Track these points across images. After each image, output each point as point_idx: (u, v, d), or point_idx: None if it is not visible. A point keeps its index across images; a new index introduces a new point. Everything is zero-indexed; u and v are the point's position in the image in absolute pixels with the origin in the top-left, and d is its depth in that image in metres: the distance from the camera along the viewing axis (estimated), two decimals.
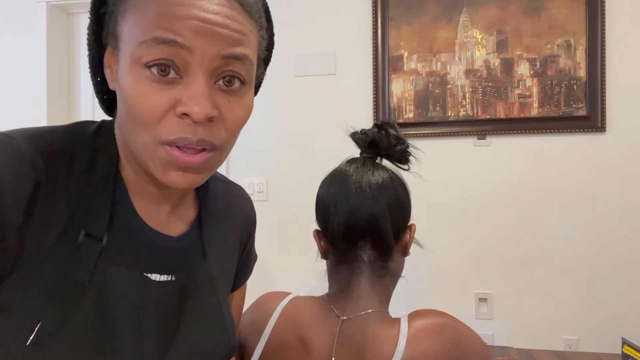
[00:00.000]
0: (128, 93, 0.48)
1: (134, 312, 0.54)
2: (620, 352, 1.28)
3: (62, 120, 2.22)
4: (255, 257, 0.83)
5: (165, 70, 0.48)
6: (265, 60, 0.61)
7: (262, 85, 0.68)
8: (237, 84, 0.51)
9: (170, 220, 0.61)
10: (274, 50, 0.64)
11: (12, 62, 2.21)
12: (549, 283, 1.82)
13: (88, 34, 0.55)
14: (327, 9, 2.01)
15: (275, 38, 0.63)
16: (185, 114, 0.48)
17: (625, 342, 1.26)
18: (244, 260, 0.77)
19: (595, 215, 1.79)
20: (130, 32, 0.48)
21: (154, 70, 0.47)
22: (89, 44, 0.56)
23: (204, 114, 0.47)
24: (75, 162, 0.54)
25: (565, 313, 1.80)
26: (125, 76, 0.49)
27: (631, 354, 1.23)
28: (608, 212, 1.78)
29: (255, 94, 0.62)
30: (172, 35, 0.46)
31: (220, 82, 0.50)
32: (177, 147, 0.49)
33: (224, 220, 0.70)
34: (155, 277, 0.57)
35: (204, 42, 0.47)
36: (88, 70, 0.58)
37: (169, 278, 0.59)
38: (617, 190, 1.78)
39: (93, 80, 0.59)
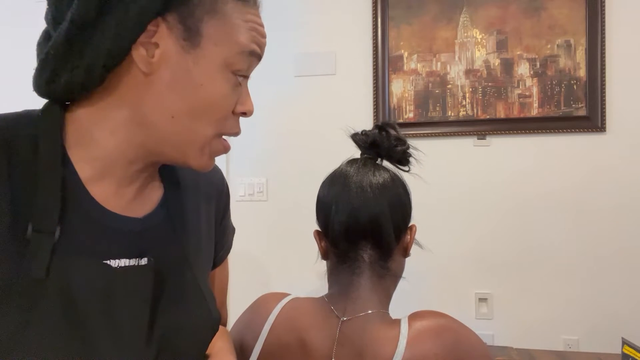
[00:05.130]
0: (214, 93, 0.54)
1: (101, 302, 0.52)
2: (620, 352, 1.28)
3: None
4: (233, 229, 0.81)
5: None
6: None
7: (263, 85, 0.79)
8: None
9: (135, 203, 0.59)
10: (272, 49, 0.75)
11: (12, 62, 2.21)
12: (549, 283, 1.82)
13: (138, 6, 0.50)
14: (327, 9, 2.01)
15: (276, 38, 0.70)
16: (245, 112, 0.59)
17: (625, 342, 1.26)
18: (222, 234, 0.75)
19: (595, 215, 1.79)
20: (227, 37, 0.54)
21: (240, 78, 0.57)
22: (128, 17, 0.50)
23: (253, 112, 0.59)
24: (17, 152, 0.51)
25: (565, 313, 1.80)
26: (208, 76, 0.54)
27: (631, 354, 1.23)
28: (608, 212, 1.78)
29: None
30: (260, 51, 0.57)
31: None
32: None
33: (194, 195, 0.68)
34: (123, 262, 0.55)
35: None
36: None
37: (138, 262, 0.56)
38: (617, 190, 1.78)
39: (60, 49, 0.52)
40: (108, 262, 0.54)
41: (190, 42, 0.53)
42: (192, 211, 0.67)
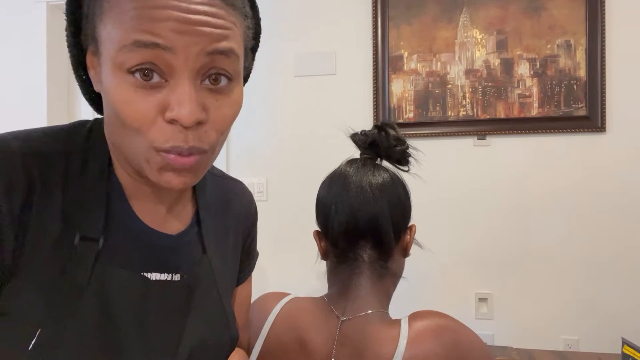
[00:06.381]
0: (114, 100, 0.47)
1: (136, 313, 0.54)
2: (620, 352, 1.28)
3: (62, 120, 2.22)
4: (257, 254, 0.82)
5: (148, 74, 0.47)
6: (253, 48, 0.61)
7: (263, 85, 0.68)
8: (223, 81, 0.50)
9: (169, 219, 0.61)
10: (272, 49, 0.64)
11: (12, 62, 2.21)
12: (549, 283, 1.82)
13: (67, 36, 0.54)
14: (327, 8, 2.01)
15: (276, 38, 0.63)
16: (175, 120, 0.47)
17: (625, 342, 1.26)
18: (247, 254, 0.77)
19: (595, 215, 1.79)
20: (109, 36, 0.47)
21: (137, 75, 0.46)
22: (69, 46, 0.55)
23: (192, 119, 0.46)
24: (70, 164, 0.53)
25: (565, 313, 1.80)
26: (109, 82, 0.48)
27: (631, 354, 1.23)
28: (608, 212, 1.78)
29: (245, 83, 0.62)
30: (152, 38, 0.45)
31: (207, 81, 0.49)
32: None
33: (223, 215, 0.70)
34: (155, 276, 0.57)
35: (186, 41, 0.46)
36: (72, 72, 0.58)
37: (170, 277, 0.58)
38: (617, 190, 1.78)
39: (78, 82, 0.58)
40: (145, 274, 0.56)
41: (97, 52, 0.50)
42: (221, 231, 0.69)
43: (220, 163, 2.05)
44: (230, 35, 0.49)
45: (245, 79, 0.64)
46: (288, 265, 1.99)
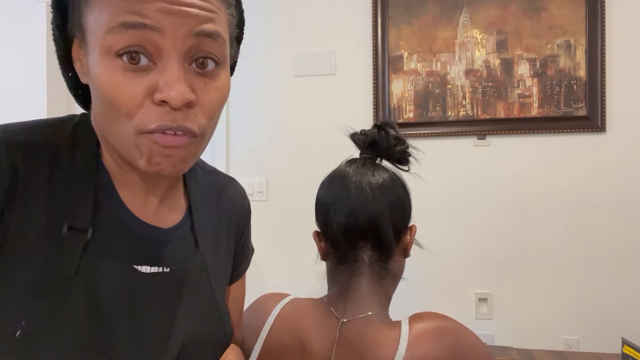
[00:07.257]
0: (102, 85, 0.47)
1: (125, 304, 0.54)
2: (620, 352, 1.28)
3: None
4: (252, 250, 0.82)
5: (135, 58, 0.46)
6: (237, 38, 0.61)
7: (263, 85, 0.67)
8: (211, 65, 0.50)
9: (161, 212, 0.60)
10: (272, 49, 0.63)
11: (12, 61, 2.21)
12: (549, 283, 1.82)
13: (52, 29, 0.54)
14: (327, 8, 2.01)
15: (275, 38, 0.62)
16: (164, 101, 0.47)
17: (625, 342, 1.26)
18: (240, 252, 0.76)
19: (595, 215, 1.79)
20: (96, 20, 0.47)
21: (125, 58, 0.46)
22: (54, 39, 0.54)
23: (182, 99, 0.46)
24: (57, 156, 0.53)
25: (565, 313, 1.80)
26: (96, 67, 0.47)
27: (631, 354, 1.23)
28: (608, 212, 1.78)
29: (231, 74, 0.62)
30: (140, 19, 0.45)
31: (194, 65, 0.49)
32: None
33: (216, 211, 0.70)
34: (145, 269, 0.56)
35: (174, 21, 0.46)
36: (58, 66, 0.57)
37: (160, 269, 0.58)
38: (616, 190, 1.78)
39: (64, 77, 0.58)
40: (135, 267, 0.56)
41: (83, 41, 0.50)
42: (215, 227, 0.68)
43: (220, 163, 2.04)
44: (215, 19, 0.50)
45: (232, 69, 0.63)
46: (287, 265, 1.99)
